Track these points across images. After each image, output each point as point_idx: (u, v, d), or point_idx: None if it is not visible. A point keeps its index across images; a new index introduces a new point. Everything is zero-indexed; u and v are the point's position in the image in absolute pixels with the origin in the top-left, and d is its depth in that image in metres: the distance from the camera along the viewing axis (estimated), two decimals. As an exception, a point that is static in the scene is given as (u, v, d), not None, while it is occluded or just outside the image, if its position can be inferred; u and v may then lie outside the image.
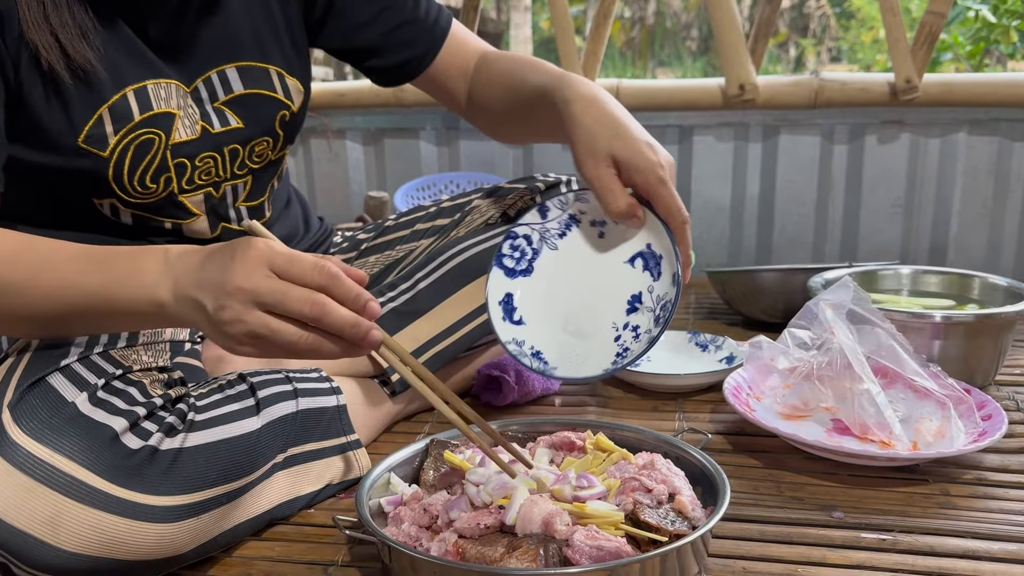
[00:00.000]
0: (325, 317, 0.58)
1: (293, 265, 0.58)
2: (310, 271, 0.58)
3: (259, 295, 0.57)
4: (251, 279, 0.57)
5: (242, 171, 0.89)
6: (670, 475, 0.69)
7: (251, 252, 0.58)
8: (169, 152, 0.81)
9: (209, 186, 0.87)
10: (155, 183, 0.81)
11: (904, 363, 0.91)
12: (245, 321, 0.57)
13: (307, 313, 0.58)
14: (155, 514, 0.61)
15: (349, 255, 1.08)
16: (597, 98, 0.81)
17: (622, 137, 0.77)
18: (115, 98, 0.76)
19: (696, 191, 1.79)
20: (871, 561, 0.69)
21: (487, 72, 0.98)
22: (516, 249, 0.84)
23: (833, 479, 0.83)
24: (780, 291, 1.28)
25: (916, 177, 1.72)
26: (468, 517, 0.64)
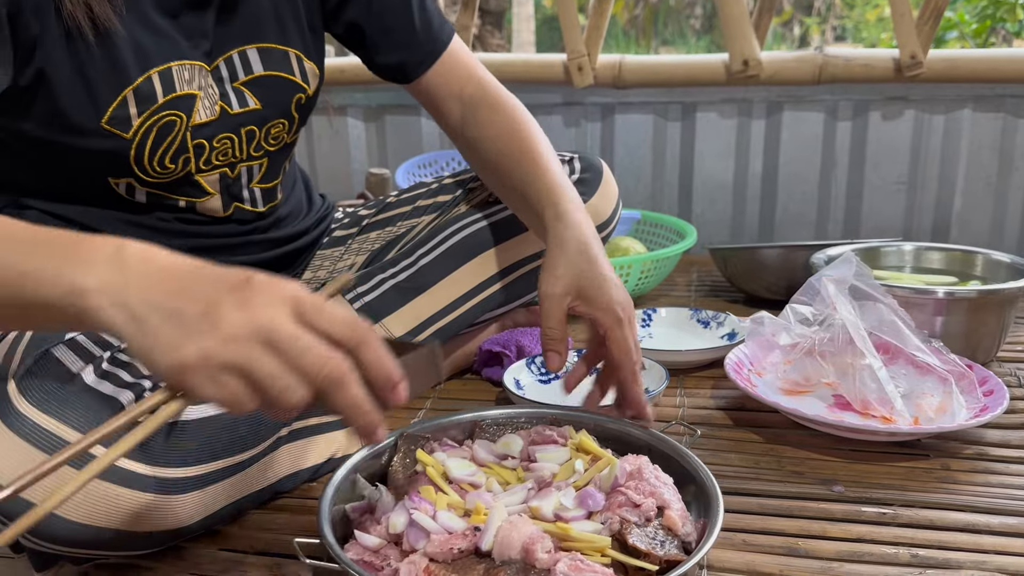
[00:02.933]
0: (342, 390, 0.48)
1: (321, 315, 0.49)
2: (340, 323, 0.49)
3: (275, 333, 0.47)
4: (269, 311, 0.47)
5: (258, 153, 0.89)
6: (658, 485, 0.65)
7: (277, 287, 0.49)
8: (189, 133, 0.81)
9: (225, 166, 0.87)
10: (174, 163, 0.81)
11: (906, 339, 0.91)
12: (246, 348, 0.47)
13: (321, 377, 0.47)
14: (161, 486, 0.61)
15: (350, 231, 1.08)
16: (583, 228, 0.82)
17: (592, 270, 0.79)
18: (140, 80, 0.76)
19: (699, 168, 1.78)
20: (871, 534, 0.69)
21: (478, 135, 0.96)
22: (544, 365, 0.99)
23: (834, 454, 0.83)
24: (782, 268, 1.28)
25: (920, 154, 1.71)
26: (440, 540, 0.59)
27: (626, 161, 1.79)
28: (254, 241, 0.94)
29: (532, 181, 0.88)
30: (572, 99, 1.78)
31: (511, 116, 0.95)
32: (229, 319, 0.47)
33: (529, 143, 0.92)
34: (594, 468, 0.68)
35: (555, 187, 0.86)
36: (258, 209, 0.92)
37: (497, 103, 0.96)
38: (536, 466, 0.69)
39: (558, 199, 0.85)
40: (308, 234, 1.02)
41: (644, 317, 1.20)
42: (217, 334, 0.46)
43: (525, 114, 0.96)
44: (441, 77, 0.97)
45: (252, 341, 0.47)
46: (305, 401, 0.48)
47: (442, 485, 0.67)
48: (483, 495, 0.65)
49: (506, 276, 1.00)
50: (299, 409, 0.49)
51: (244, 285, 0.49)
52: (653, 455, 0.72)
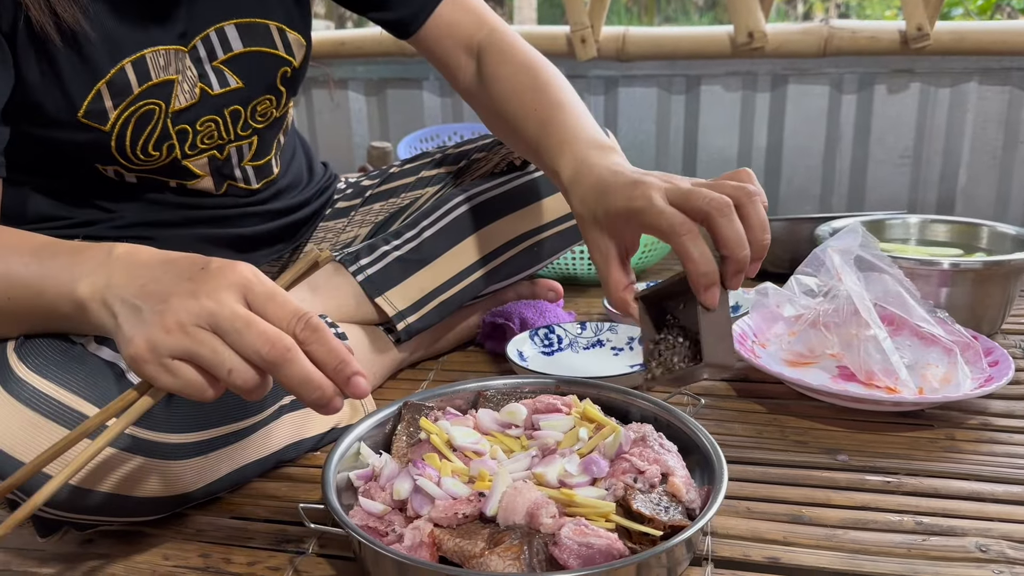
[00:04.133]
0: (287, 366, 0.48)
1: (272, 302, 0.49)
2: (288, 316, 0.49)
3: (216, 317, 0.48)
4: (215, 296, 0.48)
5: (246, 132, 0.87)
6: (662, 453, 0.65)
7: (229, 272, 0.50)
8: (170, 120, 0.79)
9: (212, 149, 0.85)
10: (157, 151, 0.80)
11: (911, 309, 0.91)
12: (188, 334, 0.48)
13: (265, 355, 0.47)
14: (162, 451, 0.61)
15: (353, 202, 1.07)
16: (584, 170, 0.71)
17: (607, 194, 0.66)
18: (112, 72, 0.75)
19: (703, 142, 1.77)
20: (875, 502, 0.69)
21: (489, 85, 0.89)
22: (547, 338, 1.02)
23: (838, 424, 0.83)
24: (786, 241, 1.27)
25: (925, 127, 1.70)
26: (445, 506, 0.59)
27: (629, 135, 1.77)
28: (252, 213, 0.94)
29: (534, 126, 0.80)
30: (575, 72, 1.76)
31: (524, 61, 0.88)
32: (175, 308, 0.48)
33: (545, 88, 0.84)
34: (598, 436, 0.67)
35: (556, 134, 0.77)
36: (252, 186, 0.92)
37: (509, 48, 0.89)
38: (540, 434, 0.69)
39: (559, 149, 0.75)
40: (309, 205, 1.02)
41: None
42: (162, 324, 0.48)
43: (540, 58, 0.89)
44: (445, 28, 0.91)
45: (195, 327, 0.48)
46: (256, 382, 0.49)
47: (446, 453, 0.67)
48: (487, 462, 0.65)
49: (511, 248, 1.00)
50: (259, 389, 0.49)
51: (198, 274, 0.50)
52: (658, 424, 0.72)
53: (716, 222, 0.60)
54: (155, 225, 0.88)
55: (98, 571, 0.62)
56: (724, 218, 0.60)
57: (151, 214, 0.87)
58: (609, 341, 1.01)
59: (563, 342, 1.02)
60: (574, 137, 0.76)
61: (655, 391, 0.90)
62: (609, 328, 1.03)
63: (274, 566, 0.63)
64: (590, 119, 0.80)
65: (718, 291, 0.61)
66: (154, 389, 0.51)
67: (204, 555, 0.64)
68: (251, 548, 0.65)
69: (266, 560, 0.63)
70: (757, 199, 0.62)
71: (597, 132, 0.78)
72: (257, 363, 0.48)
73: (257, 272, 0.51)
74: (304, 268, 0.55)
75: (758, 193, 0.62)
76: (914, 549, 0.63)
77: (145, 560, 0.63)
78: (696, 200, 0.60)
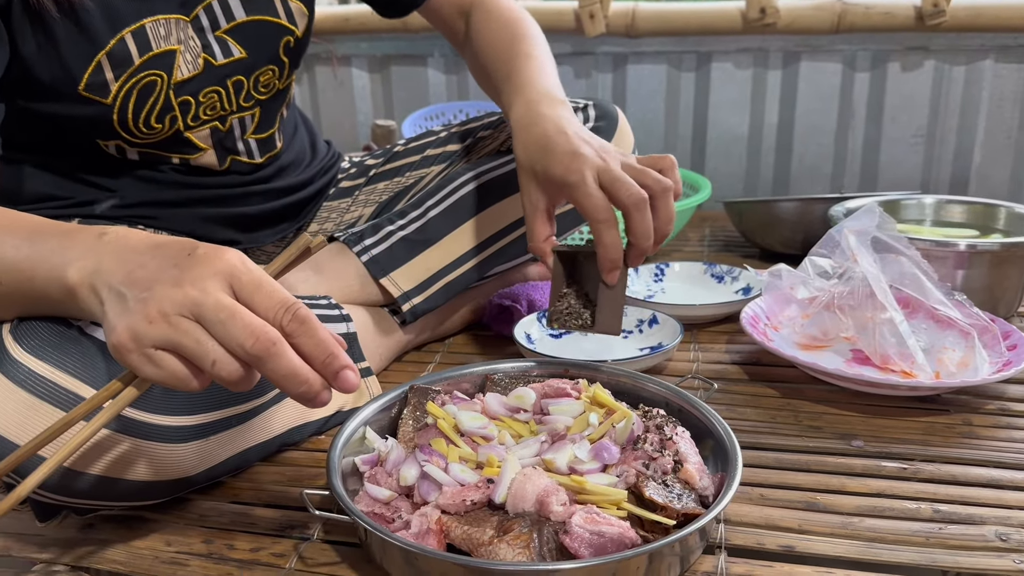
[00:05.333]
0: (271, 360, 0.46)
1: (259, 291, 0.48)
2: (275, 306, 0.47)
3: (200, 306, 0.46)
4: (200, 284, 0.47)
5: (249, 103, 0.86)
6: (676, 439, 0.64)
7: (215, 258, 0.48)
8: (172, 91, 0.78)
9: (215, 120, 0.84)
10: (160, 123, 0.79)
11: (928, 292, 0.89)
12: (171, 324, 0.46)
13: (249, 348, 0.46)
14: (161, 433, 0.60)
15: (357, 181, 1.05)
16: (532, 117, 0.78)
17: (549, 154, 0.74)
18: (112, 43, 0.73)
19: (713, 120, 1.74)
20: (892, 489, 0.68)
21: (472, 40, 0.96)
22: None
23: (852, 409, 0.82)
24: (799, 221, 1.25)
25: (939, 106, 1.66)
26: (452, 492, 0.58)
27: (638, 113, 1.75)
28: (255, 192, 0.92)
29: (500, 77, 0.88)
30: (583, 48, 1.73)
31: (506, 18, 0.95)
32: (158, 297, 0.47)
33: (519, 41, 0.91)
34: (609, 421, 0.66)
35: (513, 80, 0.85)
36: (255, 160, 0.90)
37: (495, 7, 0.96)
38: (549, 419, 0.67)
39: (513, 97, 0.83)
40: (313, 184, 1.00)
41: (657, 272, 1.17)
42: (145, 313, 0.47)
43: (521, 16, 0.96)
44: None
45: (179, 316, 0.47)
46: (240, 374, 0.47)
47: (454, 438, 0.65)
48: (496, 448, 0.63)
49: (519, 228, 0.98)
50: (245, 381, 0.48)
51: (184, 261, 0.49)
52: (669, 409, 0.71)
53: (631, 216, 0.70)
54: (157, 204, 0.87)
55: (98, 556, 0.61)
56: (639, 213, 0.70)
57: (153, 193, 0.86)
58: (618, 323, 1.00)
59: None
60: (530, 85, 0.83)
61: (665, 375, 0.89)
62: (618, 310, 1.01)
63: (278, 552, 0.61)
64: (552, 75, 0.88)
65: (618, 273, 0.72)
66: (139, 379, 0.50)
67: (207, 541, 0.63)
68: (254, 534, 0.64)
69: (270, 546, 0.62)
70: (670, 194, 0.72)
71: (554, 86, 0.85)
72: (241, 356, 0.47)
73: (245, 259, 0.49)
74: (296, 254, 0.53)
75: (671, 188, 0.72)
76: (932, 537, 0.61)
77: (146, 546, 0.62)
78: (620, 192, 0.70)
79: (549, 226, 0.76)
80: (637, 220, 0.70)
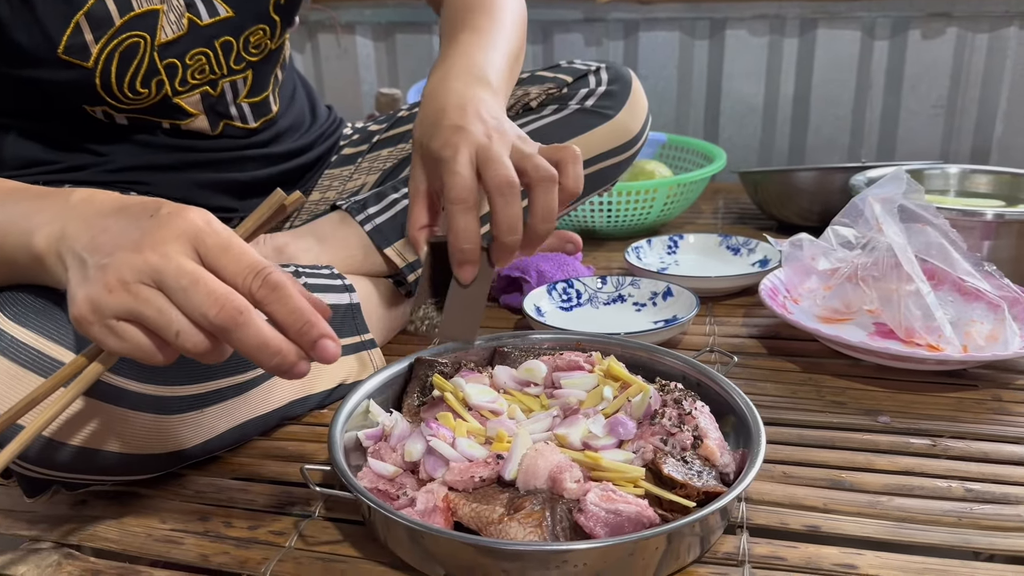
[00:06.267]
0: (238, 330, 0.42)
1: (226, 255, 0.44)
2: (244, 271, 0.43)
3: (161, 272, 0.42)
4: (161, 249, 0.43)
5: (239, 65, 0.82)
6: (695, 413, 0.60)
7: (178, 219, 0.44)
8: (157, 54, 0.75)
9: (205, 85, 0.80)
10: (146, 88, 0.75)
11: (955, 263, 0.85)
12: (131, 292, 0.42)
13: (212, 317, 0.42)
14: (153, 404, 0.57)
15: (360, 148, 1.01)
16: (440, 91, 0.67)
17: (436, 128, 0.62)
18: (90, 2, 0.69)
19: (727, 90, 1.69)
20: (920, 467, 0.65)
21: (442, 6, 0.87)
22: (566, 292, 0.97)
23: (876, 384, 0.78)
24: (817, 192, 1.21)
25: (961, 75, 1.61)
26: (460, 469, 0.55)
27: (650, 82, 1.70)
28: (251, 157, 0.89)
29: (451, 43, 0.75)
30: (593, 15, 1.68)
31: None
32: (118, 264, 0.43)
33: (476, 10, 0.79)
34: (624, 395, 0.63)
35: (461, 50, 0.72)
36: (250, 125, 0.87)
37: None
38: (561, 393, 0.64)
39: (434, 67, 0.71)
40: (313, 149, 0.96)
41: (670, 243, 1.14)
42: (104, 282, 0.43)
43: None
44: None
45: (139, 284, 0.43)
46: (207, 346, 0.44)
47: (461, 412, 0.62)
48: (505, 422, 0.60)
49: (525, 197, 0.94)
50: (213, 353, 0.44)
51: (146, 223, 0.45)
52: (687, 383, 0.67)
53: (492, 201, 0.58)
54: (148, 169, 0.83)
55: (89, 534, 0.58)
56: (501, 199, 0.57)
57: (144, 157, 0.83)
58: (631, 296, 0.96)
59: (582, 297, 0.97)
60: (456, 59, 0.71)
61: (680, 349, 0.85)
62: (631, 283, 0.97)
63: (278, 530, 0.58)
64: (497, 55, 0.75)
65: (473, 270, 0.59)
66: (105, 353, 0.46)
67: (203, 518, 0.60)
68: (253, 511, 0.61)
69: (269, 524, 0.59)
70: (551, 186, 0.58)
71: (488, 65, 0.72)
72: (205, 326, 0.43)
73: (211, 219, 0.45)
74: (268, 213, 0.49)
75: (554, 178, 0.58)
76: (965, 517, 0.58)
77: (140, 523, 0.59)
78: (487, 172, 0.58)
79: (428, 214, 0.64)
80: (499, 206, 0.57)
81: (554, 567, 0.49)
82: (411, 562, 0.53)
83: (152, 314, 0.43)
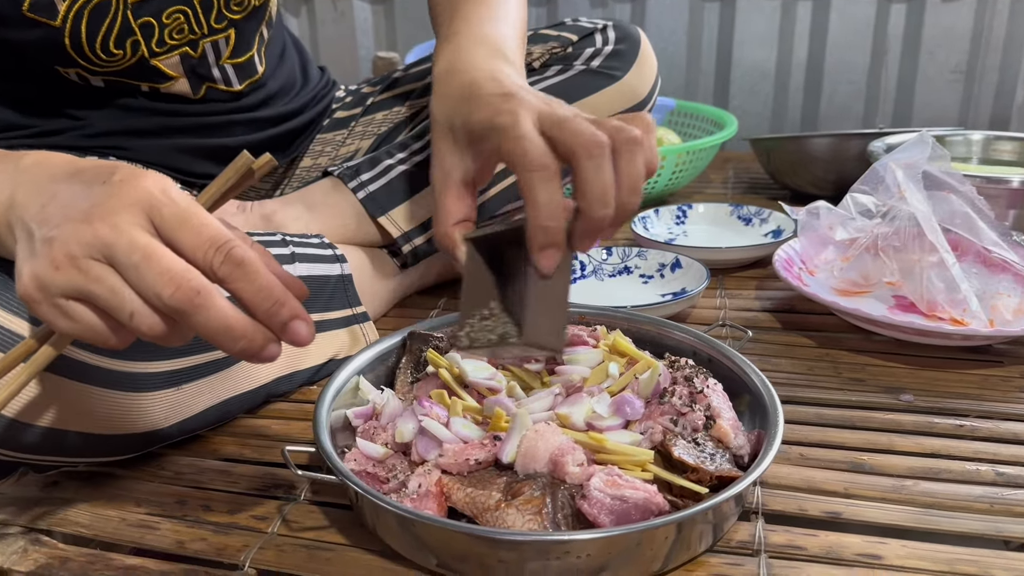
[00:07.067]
0: (196, 313, 0.38)
1: (184, 227, 0.39)
2: (204, 245, 0.39)
3: (111, 247, 0.38)
4: (111, 219, 0.38)
5: (221, 24, 0.77)
6: (707, 392, 0.56)
7: (130, 187, 0.39)
8: (130, 12, 0.70)
9: (184, 45, 0.75)
10: (120, 48, 0.71)
11: (981, 232, 0.80)
12: (80, 269, 0.38)
13: (167, 298, 0.38)
14: (123, 381, 0.53)
15: (353, 111, 0.96)
16: (459, 66, 0.59)
17: (473, 100, 0.54)
18: None
19: (738, 56, 1.63)
20: (947, 449, 0.60)
21: None
22: None
23: (897, 360, 0.74)
24: (833, 160, 1.16)
25: (981, 40, 1.55)
26: (454, 451, 0.51)
27: (657, 48, 1.62)
28: (238, 121, 0.84)
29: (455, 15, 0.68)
30: (599, -23, 1.62)
31: None
32: (65, 236, 0.38)
33: None
34: (631, 372, 0.58)
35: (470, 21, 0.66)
36: (234, 88, 0.82)
37: None
38: (564, 369, 0.60)
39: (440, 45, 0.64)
40: (304, 113, 0.92)
41: (679, 213, 1.09)
42: (51, 256, 0.38)
43: None
44: None
45: (89, 260, 0.38)
46: (163, 329, 0.39)
47: (456, 389, 0.58)
48: (503, 400, 0.56)
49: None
50: (172, 336, 0.40)
51: (98, 190, 0.40)
52: (698, 359, 0.63)
53: (581, 165, 0.48)
54: (129, 134, 0.79)
55: (59, 518, 0.55)
56: (592, 161, 0.48)
57: (124, 122, 0.78)
58: (638, 268, 0.92)
59: (586, 269, 0.93)
60: (468, 31, 0.65)
61: (690, 323, 0.81)
62: (638, 254, 0.93)
63: (260, 515, 0.55)
64: (510, 26, 0.68)
65: (557, 256, 0.47)
66: (57, 335, 0.42)
67: (181, 501, 0.56)
68: (235, 494, 0.57)
69: (251, 508, 0.56)
70: (638, 149, 0.49)
71: (504, 38, 0.65)
72: (160, 308, 0.38)
73: (168, 187, 0.40)
74: (234, 178, 0.44)
75: (639, 139, 0.49)
76: (997, 504, 0.54)
77: (114, 506, 0.56)
78: (566, 133, 0.48)
79: (465, 204, 0.54)
80: (588, 172, 0.47)
81: (554, 558, 0.45)
82: (401, 551, 0.49)
83: (103, 294, 0.38)
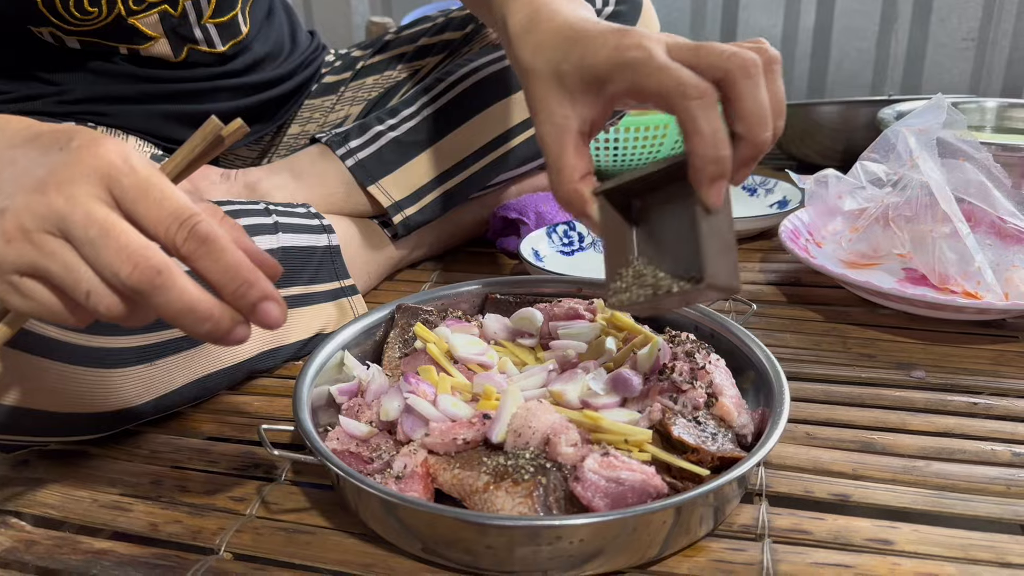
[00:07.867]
0: (157, 294, 0.35)
1: (145, 199, 0.36)
2: (167, 219, 0.36)
3: (66, 219, 0.35)
4: (67, 190, 0.35)
5: None
6: (709, 368, 0.53)
7: (89, 154, 0.36)
8: None
9: (164, 3, 0.71)
10: (95, 7, 0.67)
11: (996, 201, 0.77)
12: (33, 243, 0.35)
13: (125, 278, 0.35)
14: (92, 357, 0.50)
15: (343, 75, 0.93)
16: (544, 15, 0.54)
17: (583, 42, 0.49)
18: None
19: (744, 21, 1.59)
20: (961, 428, 0.58)
21: None
22: (567, 235, 0.90)
23: (907, 335, 0.71)
24: (841, 128, 1.12)
25: (994, 5, 1.50)
26: (441, 429, 0.49)
27: (661, 12, 1.59)
28: (224, 87, 0.80)
29: None
30: (600, -60, 1.57)
31: None
32: (17, 208, 0.35)
33: None
34: (629, 347, 0.56)
35: None
36: (217, 50, 0.78)
37: None
38: (558, 344, 0.57)
39: None
40: (292, 78, 0.88)
41: (680, 182, 1.05)
42: (3, 229, 0.36)
43: None
44: None
45: (43, 233, 0.35)
46: (122, 310, 0.36)
47: (445, 365, 0.55)
48: (494, 377, 0.53)
49: (526, 130, 0.86)
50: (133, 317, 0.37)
51: (55, 157, 0.36)
52: (700, 333, 0.60)
53: (739, 85, 0.44)
54: (108, 100, 0.76)
55: (27, 499, 0.52)
56: (748, 81, 0.43)
57: (102, 87, 0.75)
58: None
59: (584, 240, 0.90)
60: None
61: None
62: (638, 224, 0.89)
63: (239, 496, 0.52)
64: None
65: (724, 187, 0.44)
66: (12, 314, 0.39)
67: (156, 481, 0.54)
68: (213, 474, 0.55)
69: (230, 488, 0.53)
70: (778, 68, 0.46)
71: None
72: (118, 287, 0.35)
73: (129, 155, 0.37)
74: (202, 146, 0.40)
75: (778, 60, 0.46)
76: (1014, 486, 0.51)
77: (86, 487, 0.53)
78: (711, 55, 0.44)
79: (586, 157, 0.50)
80: (747, 92, 0.43)
81: (546, 543, 0.42)
82: (384, 535, 0.47)
83: (58, 270, 0.35)
